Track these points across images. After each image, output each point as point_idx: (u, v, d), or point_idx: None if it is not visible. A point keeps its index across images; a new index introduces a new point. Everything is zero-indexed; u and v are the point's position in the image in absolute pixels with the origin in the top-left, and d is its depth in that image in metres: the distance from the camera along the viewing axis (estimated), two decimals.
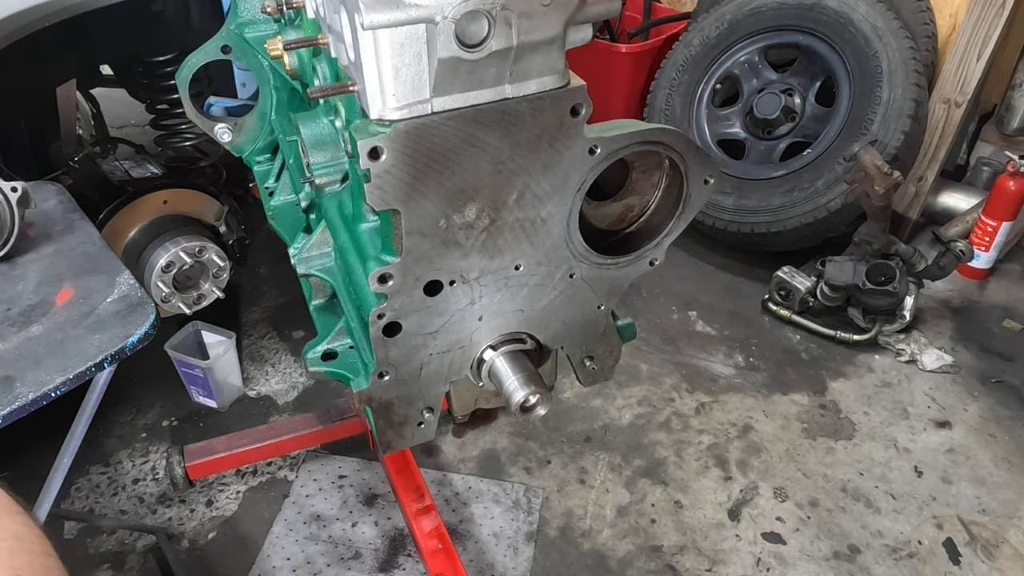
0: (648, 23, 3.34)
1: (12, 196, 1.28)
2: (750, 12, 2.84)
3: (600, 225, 0.92)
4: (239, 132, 1.39)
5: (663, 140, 0.80)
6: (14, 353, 1.10)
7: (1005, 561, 1.93)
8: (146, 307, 1.19)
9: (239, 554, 1.92)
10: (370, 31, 0.62)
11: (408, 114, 0.67)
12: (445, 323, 0.83)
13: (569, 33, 0.70)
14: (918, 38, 2.68)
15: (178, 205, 2.31)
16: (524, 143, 0.72)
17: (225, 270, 2.22)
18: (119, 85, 2.79)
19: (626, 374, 2.45)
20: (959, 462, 2.19)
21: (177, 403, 2.32)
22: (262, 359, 2.50)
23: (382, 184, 0.68)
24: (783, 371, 2.49)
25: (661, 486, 2.11)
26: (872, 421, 2.31)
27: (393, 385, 0.86)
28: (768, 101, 2.78)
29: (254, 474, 2.12)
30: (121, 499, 2.05)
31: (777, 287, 2.67)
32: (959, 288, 2.85)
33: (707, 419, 2.32)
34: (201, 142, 2.71)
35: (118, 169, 2.50)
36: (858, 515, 2.03)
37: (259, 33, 1.29)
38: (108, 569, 1.88)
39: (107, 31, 1.84)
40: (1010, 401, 2.38)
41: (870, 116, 2.54)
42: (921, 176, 2.90)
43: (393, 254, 0.77)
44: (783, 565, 1.92)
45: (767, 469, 2.16)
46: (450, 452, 2.19)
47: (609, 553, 1.94)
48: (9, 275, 1.27)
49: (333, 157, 1.02)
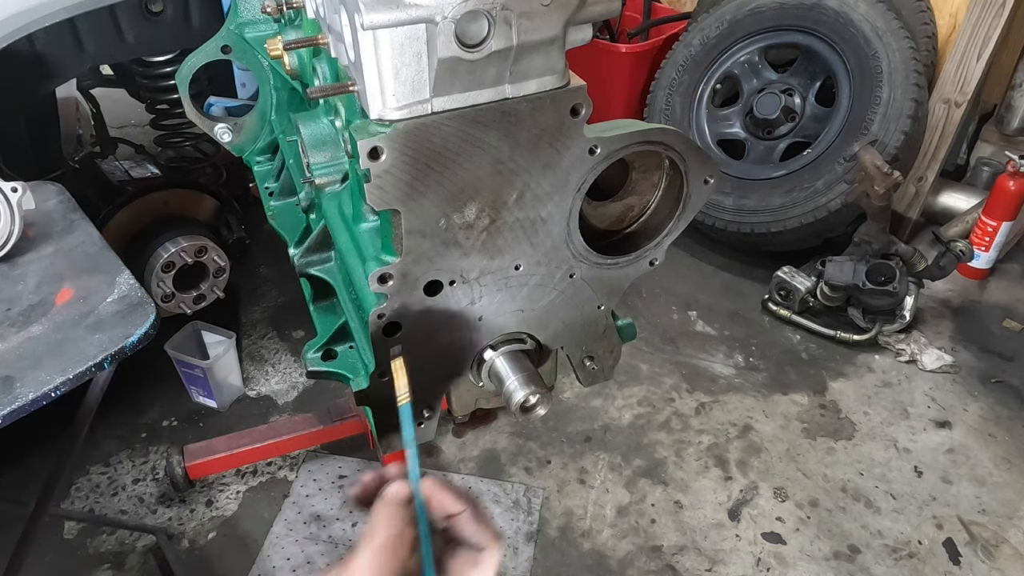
0: (648, 23, 3.34)
1: (12, 196, 1.28)
2: (750, 12, 2.84)
3: (600, 225, 0.92)
4: (239, 132, 1.39)
5: (663, 140, 0.80)
6: (14, 353, 1.10)
7: (1005, 561, 1.93)
8: (146, 307, 1.19)
9: (239, 554, 1.92)
10: (370, 31, 0.62)
11: (408, 114, 0.67)
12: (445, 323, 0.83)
13: (569, 33, 0.69)
14: (918, 38, 2.67)
15: (178, 205, 2.31)
16: (524, 143, 0.72)
17: (225, 270, 2.22)
18: (119, 85, 2.79)
19: (626, 374, 2.45)
20: (959, 462, 2.19)
21: (177, 403, 2.32)
22: (262, 359, 2.50)
23: (382, 184, 0.68)
24: (783, 371, 2.49)
25: (661, 486, 2.11)
26: (872, 421, 2.31)
27: (393, 385, 0.86)
28: (768, 101, 2.78)
29: (254, 474, 2.12)
30: (121, 499, 2.05)
31: (777, 287, 2.67)
32: (959, 288, 2.85)
33: (707, 419, 2.32)
34: (201, 142, 2.71)
35: (118, 169, 2.50)
36: (858, 515, 2.03)
37: (259, 33, 1.29)
38: (108, 569, 1.88)
39: (107, 31, 1.84)
40: (1010, 401, 2.38)
41: (870, 116, 2.53)
42: (921, 176, 2.90)
43: (393, 254, 0.77)
44: (783, 565, 1.92)
45: (767, 469, 2.16)
46: (450, 452, 2.19)
47: (609, 553, 1.94)
48: (9, 275, 1.27)
49: (333, 157, 1.02)
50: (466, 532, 0.64)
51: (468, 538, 0.64)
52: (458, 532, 0.65)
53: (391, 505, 0.62)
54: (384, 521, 0.61)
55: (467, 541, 0.64)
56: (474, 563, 0.63)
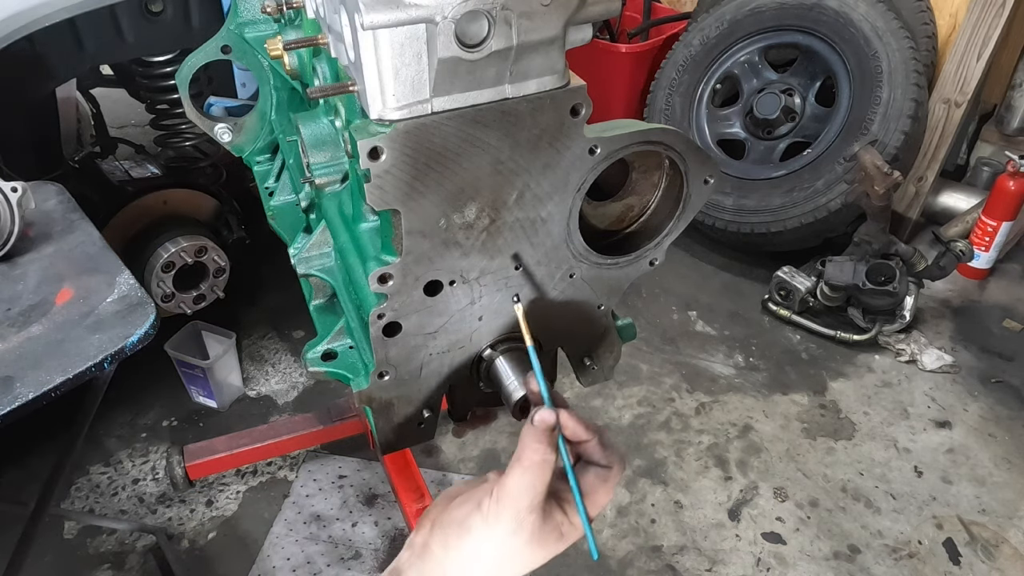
0: (648, 23, 3.34)
1: (12, 196, 1.27)
2: (750, 12, 2.84)
3: (600, 225, 0.92)
4: (239, 132, 1.39)
5: (663, 140, 0.80)
6: (14, 353, 1.10)
7: (1005, 561, 1.93)
8: (146, 307, 1.19)
9: (239, 554, 1.92)
10: (370, 31, 0.62)
11: (408, 114, 0.67)
12: (445, 323, 0.83)
13: (569, 33, 0.69)
14: (918, 38, 2.68)
15: (178, 205, 2.31)
16: (524, 143, 0.72)
17: (225, 270, 2.22)
18: (119, 85, 2.78)
19: (626, 374, 2.45)
20: (959, 462, 2.19)
21: (177, 403, 2.32)
22: (262, 359, 2.50)
23: (382, 184, 0.68)
24: (783, 371, 2.49)
25: (661, 486, 2.11)
26: (872, 421, 2.31)
27: (393, 385, 0.86)
28: (768, 101, 2.78)
29: (254, 474, 2.12)
30: (121, 499, 2.05)
31: (777, 287, 2.67)
32: (959, 288, 2.85)
33: (707, 419, 2.32)
34: (201, 142, 2.71)
35: (118, 169, 2.49)
36: (858, 515, 2.03)
37: (259, 33, 1.29)
38: (108, 569, 1.88)
39: (107, 31, 1.84)
40: (1010, 401, 2.38)
41: (870, 116, 2.54)
42: (921, 176, 2.90)
43: (393, 254, 0.77)
44: (783, 565, 1.92)
45: (767, 469, 2.16)
46: (450, 452, 2.19)
47: (609, 553, 1.94)
48: (9, 275, 1.27)
49: (333, 157, 1.02)
50: (595, 455, 0.75)
51: (597, 460, 0.75)
52: (588, 455, 0.75)
53: (538, 431, 0.70)
54: (531, 445, 0.69)
55: (597, 462, 0.75)
56: (603, 479, 0.74)
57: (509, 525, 0.68)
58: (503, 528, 0.68)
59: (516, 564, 0.70)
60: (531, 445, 0.69)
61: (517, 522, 0.68)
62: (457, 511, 0.71)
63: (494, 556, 0.69)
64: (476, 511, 0.69)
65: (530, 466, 0.68)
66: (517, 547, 0.68)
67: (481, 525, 0.69)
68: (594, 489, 0.74)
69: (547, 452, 0.69)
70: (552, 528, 0.71)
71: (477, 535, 0.69)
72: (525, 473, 0.68)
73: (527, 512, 0.68)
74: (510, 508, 0.68)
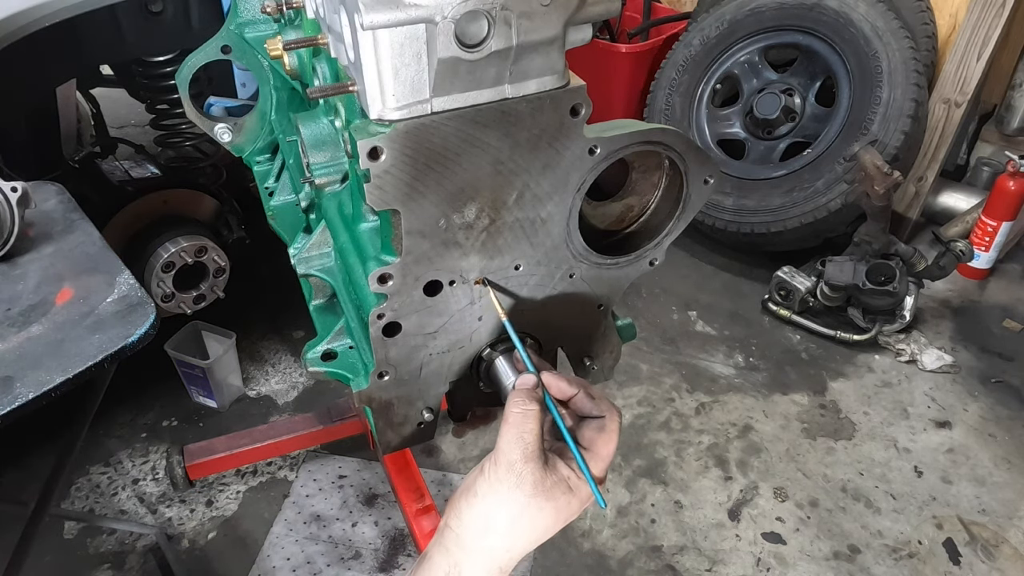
0: (648, 23, 3.34)
1: (12, 196, 1.27)
2: (750, 12, 2.84)
3: (600, 225, 0.92)
4: (239, 132, 1.39)
5: (663, 140, 0.80)
6: (14, 353, 1.10)
7: (1005, 561, 1.93)
8: (146, 307, 1.19)
9: (239, 554, 1.92)
10: (370, 31, 0.62)
11: (408, 114, 0.67)
12: (445, 323, 0.83)
13: (569, 33, 0.69)
14: (918, 38, 2.68)
15: (178, 205, 2.30)
16: (524, 143, 0.72)
17: (225, 270, 2.22)
18: (119, 85, 2.78)
19: (626, 374, 2.45)
20: (959, 462, 2.19)
21: (177, 403, 2.32)
22: (262, 359, 2.50)
23: (382, 184, 0.68)
24: (783, 371, 2.49)
25: (661, 486, 2.11)
26: (872, 421, 2.31)
27: (393, 385, 0.86)
28: (768, 101, 2.78)
29: (254, 474, 2.12)
30: (121, 499, 2.05)
31: (777, 287, 2.67)
32: (959, 288, 2.85)
33: (707, 419, 2.32)
34: (201, 142, 2.70)
35: (118, 169, 2.49)
36: (858, 515, 2.03)
37: (259, 33, 1.29)
38: (108, 569, 1.88)
39: (107, 31, 1.84)
40: (1010, 401, 2.38)
41: (870, 116, 2.54)
42: (921, 176, 2.90)
43: (393, 254, 0.77)
44: (783, 565, 1.92)
45: (767, 469, 2.16)
46: (450, 452, 2.19)
47: (609, 553, 1.94)
48: (9, 275, 1.27)
49: (333, 157, 1.02)
50: (585, 408, 0.78)
51: (590, 411, 0.78)
52: (580, 409, 0.78)
53: (519, 390, 0.75)
54: (512, 401, 0.74)
55: (589, 414, 0.78)
56: (600, 429, 0.76)
57: (509, 479, 0.70)
58: (505, 485, 0.70)
59: (528, 522, 0.71)
60: (512, 401, 0.74)
61: (516, 475, 0.70)
62: (465, 480, 0.75)
63: (505, 518, 0.70)
64: (480, 475, 0.73)
65: (514, 420, 0.72)
66: (523, 501, 0.70)
67: (485, 486, 0.71)
68: (594, 440, 0.76)
69: (527, 404, 0.73)
70: (557, 480, 0.72)
71: (484, 498, 0.71)
72: (511, 428, 0.71)
73: (522, 463, 0.70)
74: (504, 463, 0.70)
